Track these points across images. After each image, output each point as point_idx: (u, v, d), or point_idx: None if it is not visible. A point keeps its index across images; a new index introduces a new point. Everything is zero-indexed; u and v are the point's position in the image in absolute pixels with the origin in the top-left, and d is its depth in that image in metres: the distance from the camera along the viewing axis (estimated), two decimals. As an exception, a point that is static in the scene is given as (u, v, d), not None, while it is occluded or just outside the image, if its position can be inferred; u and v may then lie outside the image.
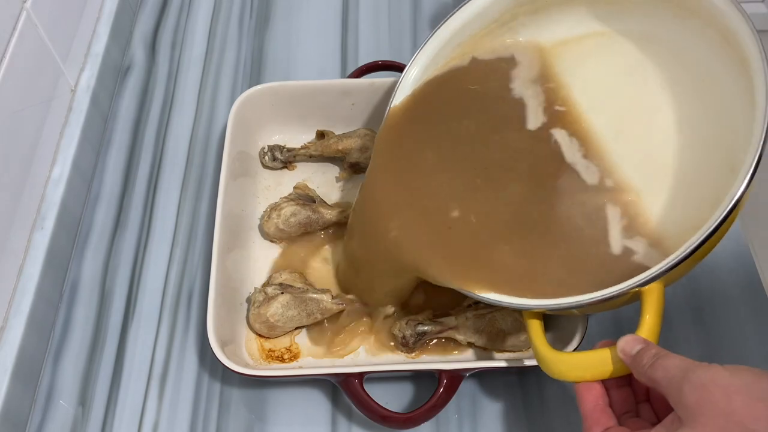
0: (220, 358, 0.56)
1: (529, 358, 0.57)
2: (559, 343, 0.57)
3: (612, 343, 0.47)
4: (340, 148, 0.71)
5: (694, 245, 0.45)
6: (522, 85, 0.61)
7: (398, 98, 0.62)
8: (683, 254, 0.45)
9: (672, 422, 0.42)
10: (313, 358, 0.61)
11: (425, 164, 0.60)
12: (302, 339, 0.63)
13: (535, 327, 0.52)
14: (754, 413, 0.38)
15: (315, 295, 0.61)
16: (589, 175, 0.55)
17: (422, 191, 0.59)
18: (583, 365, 0.48)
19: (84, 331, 0.64)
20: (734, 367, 0.40)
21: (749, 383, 0.39)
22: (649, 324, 0.46)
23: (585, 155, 0.56)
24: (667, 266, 0.45)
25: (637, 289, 0.46)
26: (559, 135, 0.58)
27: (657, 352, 0.44)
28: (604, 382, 0.48)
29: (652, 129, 0.55)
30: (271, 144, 0.72)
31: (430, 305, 0.62)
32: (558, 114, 0.58)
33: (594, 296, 0.48)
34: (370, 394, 0.55)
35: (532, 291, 0.52)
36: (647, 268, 0.47)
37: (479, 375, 0.60)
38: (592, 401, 0.47)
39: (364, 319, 0.62)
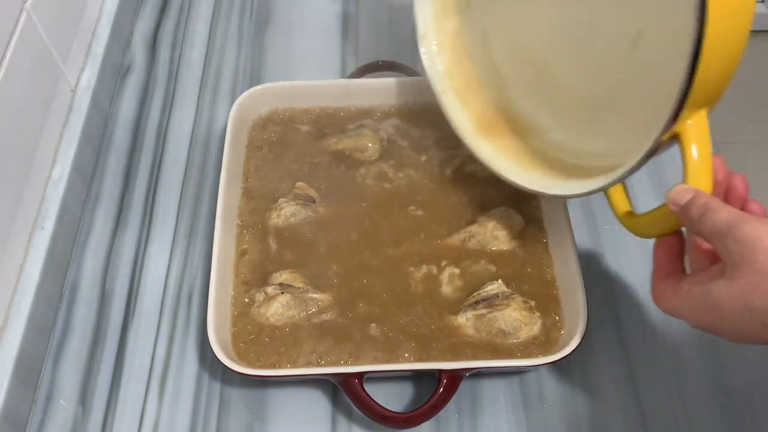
0: (220, 358, 0.56)
1: (529, 358, 0.58)
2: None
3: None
4: (340, 147, 0.71)
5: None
6: None
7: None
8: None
9: (716, 272, 0.41)
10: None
11: None
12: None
13: (614, 197, 0.53)
14: None
15: (315, 295, 0.61)
16: None
17: None
18: (651, 223, 0.49)
19: (84, 331, 0.64)
20: None
21: None
22: (692, 169, 0.43)
23: None
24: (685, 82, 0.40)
25: (669, 134, 0.43)
26: None
27: (706, 202, 0.42)
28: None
29: None
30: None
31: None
32: None
33: (637, 160, 0.46)
34: (370, 394, 0.55)
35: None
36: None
37: (479, 375, 0.60)
38: (663, 250, 0.48)
39: None
